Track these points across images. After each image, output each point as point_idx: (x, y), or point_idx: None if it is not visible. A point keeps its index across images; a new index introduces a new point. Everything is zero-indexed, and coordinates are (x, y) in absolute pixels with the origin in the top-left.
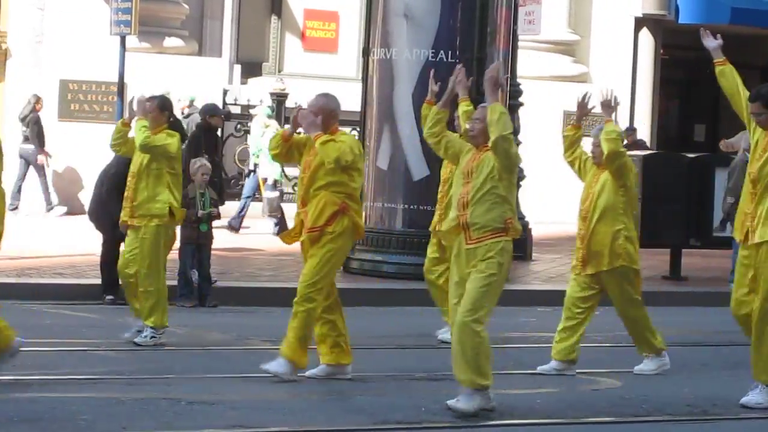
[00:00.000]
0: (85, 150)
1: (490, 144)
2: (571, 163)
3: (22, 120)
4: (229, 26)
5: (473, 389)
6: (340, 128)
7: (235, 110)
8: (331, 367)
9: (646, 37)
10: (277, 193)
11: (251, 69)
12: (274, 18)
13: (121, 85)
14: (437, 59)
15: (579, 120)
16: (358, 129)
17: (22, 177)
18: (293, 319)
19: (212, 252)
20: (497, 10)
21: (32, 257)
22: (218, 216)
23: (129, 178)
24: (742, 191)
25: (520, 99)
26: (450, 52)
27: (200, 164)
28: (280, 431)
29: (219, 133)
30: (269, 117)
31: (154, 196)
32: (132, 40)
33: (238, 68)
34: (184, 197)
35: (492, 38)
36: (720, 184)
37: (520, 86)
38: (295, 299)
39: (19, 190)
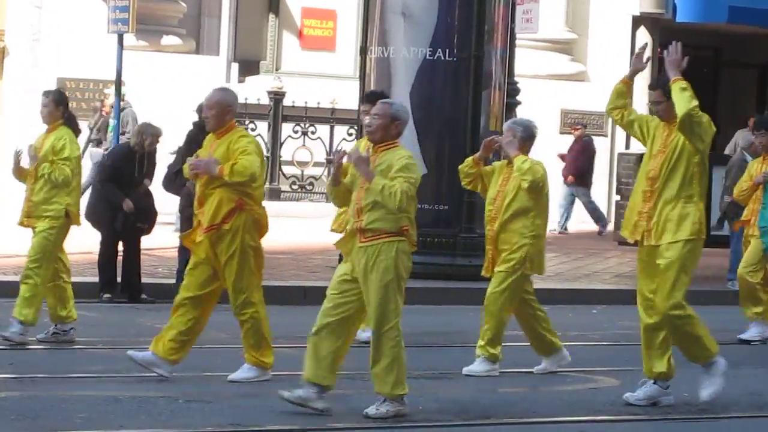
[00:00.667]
0: (81, 148)
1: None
2: (473, 187)
3: (93, 127)
4: (226, 24)
5: (391, 399)
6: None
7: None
8: (156, 358)
9: (643, 35)
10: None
11: (249, 67)
12: (271, 16)
13: (119, 83)
14: (435, 57)
15: (482, 158)
16: (356, 127)
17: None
18: (242, 329)
19: None
20: (495, 9)
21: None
22: None
23: (27, 178)
24: (634, 189)
25: (518, 97)
26: (447, 51)
27: None
28: (277, 430)
29: None
30: None
31: (51, 198)
32: (129, 38)
33: (235, 66)
34: (187, 195)
35: (489, 36)
36: (717, 183)
37: (518, 84)
38: (234, 311)
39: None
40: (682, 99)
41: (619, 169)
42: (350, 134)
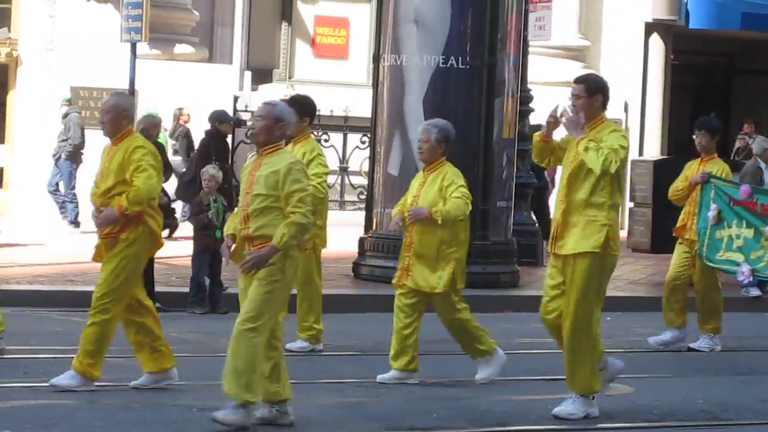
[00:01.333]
0: (95, 157)
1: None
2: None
3: (171, 135)
4: (239, 33)
5: (238, 404)
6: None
7: (246, 117)
8: (155, 375)
9: (656, 42)
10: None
11: (262, 76)
12: (284, 24)
13: (132, 92)
14: (447, 65)
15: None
16: (369, 135)
17: None
18: (86, 330)
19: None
20: (507, 16)
21: (43, 264)
22: None
23: None
24: (556, 199)
25: (531, 105)
26: (460, 58)
27: (205, 173)
28: None
29: (229, 139)
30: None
31: None
32: (142, 47)
33: (248, 75)
34: (197, 204)
35: (502, 44)
36: None
37: (531, 92)
38: (89, 311)
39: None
40: (591, 158)
41: (632, 176)
42: (363, 142)
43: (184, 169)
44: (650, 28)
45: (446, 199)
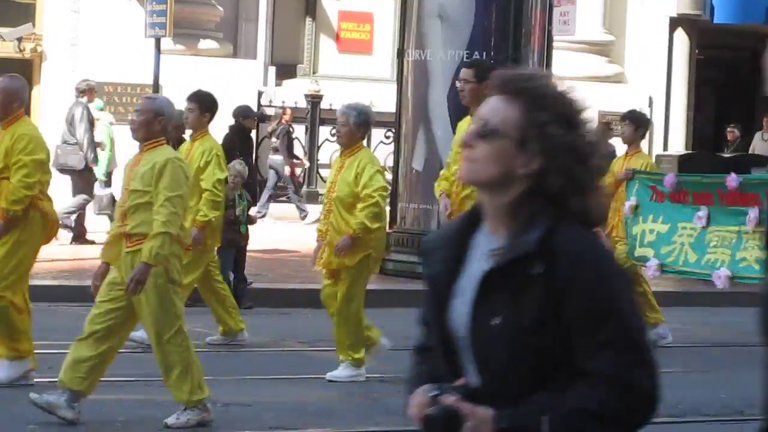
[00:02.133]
0: (119, 152)
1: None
2: None
3: (272, 132)
4: (263, 28)
5: (191, 406)
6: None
7: (270, 112)
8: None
9: (681, 37)
10: (108, 191)
11: (286, 71)
12: (308, 20)
13: (156, 87)
14: (472, 60)
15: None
16: (393, 130)
17: (273, 186)
18: None
19: (247, 253)
20: (532, 11)
21: (68, 260)
22: (254, 219)
23: None
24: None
25: None
26: (485, 53)
27: (231, 168)
28: None
29: (253, 134)
30: (100, 110)
31: None
32: (167, 43)
33: (272, 70)
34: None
35: (527, 39)
36: None
37: None
38: None
39: (269, 199)
40: None
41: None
42: (387, 137)
43: (287, 167)
44: (675, 22)
45: (361, 189)
